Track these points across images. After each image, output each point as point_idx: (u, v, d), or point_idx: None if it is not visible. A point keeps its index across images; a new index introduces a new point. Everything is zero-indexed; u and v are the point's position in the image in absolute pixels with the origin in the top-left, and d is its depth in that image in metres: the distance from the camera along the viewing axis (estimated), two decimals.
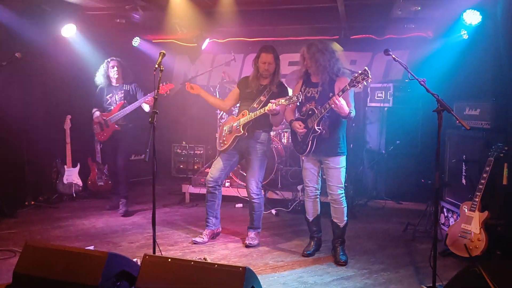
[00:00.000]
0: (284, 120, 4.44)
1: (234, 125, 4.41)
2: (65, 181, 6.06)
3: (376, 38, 7.36)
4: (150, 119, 3.43)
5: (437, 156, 3.36)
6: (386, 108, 6.59)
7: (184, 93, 6.76)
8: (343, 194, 4.08)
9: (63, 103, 6.31)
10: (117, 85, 5.56)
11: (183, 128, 8.09)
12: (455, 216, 4.91)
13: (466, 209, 4.16)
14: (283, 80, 4.68)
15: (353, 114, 3.86)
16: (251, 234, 4.53)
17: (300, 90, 4.13)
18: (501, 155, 4.06)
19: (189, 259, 3.54)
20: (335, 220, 4.13)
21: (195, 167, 7.71)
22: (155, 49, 7.80)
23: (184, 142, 7.81)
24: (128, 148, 5.73)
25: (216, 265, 2.88)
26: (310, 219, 4.29)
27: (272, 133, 5.57)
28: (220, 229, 4.74)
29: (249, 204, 4.55)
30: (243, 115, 4.36)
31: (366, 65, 6.89)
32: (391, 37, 7.29)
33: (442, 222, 5.14)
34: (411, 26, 6.78)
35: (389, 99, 6.58)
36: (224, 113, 6.47)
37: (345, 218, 4.12)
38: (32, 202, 5.77)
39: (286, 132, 6.45)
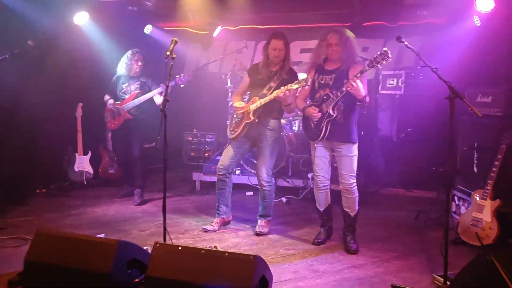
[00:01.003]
0: (296, 107, 4.40)
1: (244, 111, 4.39)
2: (76, 169, 6.12)
3: (388, 25, 7.25)
4: (161, 107, 3.44)
5: (450, 143, 3.32)
6: (398, 96, 6.53)
7: (196, 81, 6.76)
8: (355, 183, 4.06)
9: (74, 91, 6.34)
10: (135, 76, 5.57)
11: (195, 116, 8.05)
12: (466, 205, 4.86)
13: (477, 197, 4.11)
14: (294, 67, 4.62)
15: (367, 98, 3.83)
16: (262, 222, 4.53)
17: (313, 78, 4.09)
18: None
19: (200, 247, 3.54)
20: (346, 209, 4.11)
21: (206, 155, 7.70)
22: (167, 36, 7.75)
23: (195, 130, 7.81)
24: (142, 137, 5.68)
25: (226, 253, 2.88)
26: (321, 209, 4.28)
27: (283, 121, 5.53)
28: (231, 217, 4.74)
29: (259, 192, 4.55)
30: (253, 101, 4.33)
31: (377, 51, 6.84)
32: (403, 24, 7.18)
33: (454, 211, 5.09)
34: (424, 13, 6.68)
35: (400, 86, 6.51)
36: None
37: (356, 207, 4.10)
38: (44, 190, 5.83)
39: (297, 119, 6.40)
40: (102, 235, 4.14)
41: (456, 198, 5.06)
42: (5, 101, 5.34)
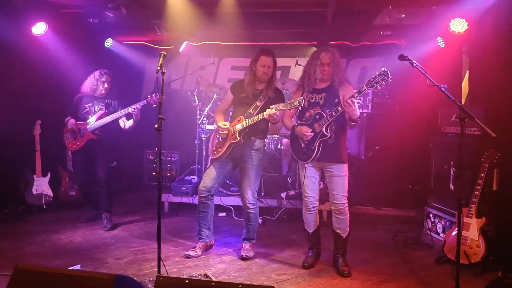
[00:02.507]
0: (282, 127, 4.30)
1: (229, 131, 4.22)
2: (34, 192, 5.62)
3: (351, 45, 7.41)
4: (156, 126, 3.24)
5: (459, 163, 3.34)
6: (365, 114, 6.63)
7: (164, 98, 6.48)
8: (347, 203, 4.01)
9: (32, 106, 5.85)
10: (100, 97, 5.25)
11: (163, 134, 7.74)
12: (442, 222, 4.97)
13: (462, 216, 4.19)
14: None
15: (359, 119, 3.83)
16: (246, 245, 4.36)
17: (302, 96, 4.02)
18: (495, 161, 4.12)
19: (188, 276, 3.37)
20: (337, 231, 4.04)
21: (168, 174, 7.41)
22: (127, 51, 7.49)
23: (156, 149, 7.49)
24: (108, 158, 5.38)
25: (240, 285, 2.70)
26: (310, 231, 4.18)
27: None
28: (213, 241, 4.53)
29: (244, 215, 4.38)
30: (238, 121, 4.18)
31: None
32: (365, 44, 7.37)
33: (429, 228, 5.19)
34: (387, 33, 6.87)
35: (367, 105, 6.63)
36: (205, 119, 6.27)
37: (348, 228, 4.04)
38: None
39: (267, 138, 6.31)
40: (77, 267, 3.78)
41: (431, 215, 5.17)
42: None
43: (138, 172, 7.53)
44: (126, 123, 5.22)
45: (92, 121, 5.10)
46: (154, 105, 5.01)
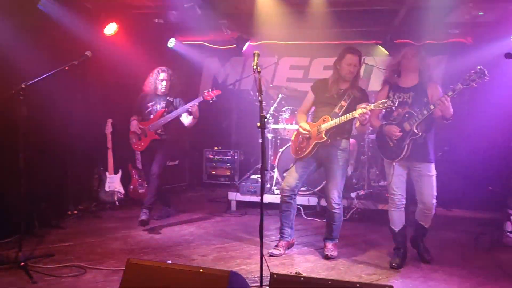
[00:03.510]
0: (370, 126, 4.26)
1: (313, 130, 4.19)
2: (107, 189, 5.74)
3: (415, 43, 7.27)
4: (259, 124, 3.22)
5: None
6: None
7: (226, 97, 6.51)
8: (435, 203, 3.98)
9: (104, 105, 5.97)
10: (162, 95, 5.25)
11: (218, 132, 7.77)
12: None
13: None
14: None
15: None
16: (329, 245, 4.32)
17: (389, 95, 3.97)
18: None
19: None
20: (421, 222, 4.12)
21: (228, 173, 7.48)
22: (188, 50, 7.58)
23: (216, 147, 7.56)
24: (165, 156, 5.35)
25: (358, 284, 2.67)
26: (396, 230, 4.12)
27: None
28: (295, 239, 4.52)
29: (327, 215, 4.34)
30: (324, 120, 4.14)
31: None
32: (429, 42, 7.22)
33: (509, 230, 5.03)
34: (455, 32, 6.71)
35: None
36: (271, 118, 6.27)
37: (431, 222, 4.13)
38: (75, 212, 5.43)
39: None
40: (169, 262, 3.84)
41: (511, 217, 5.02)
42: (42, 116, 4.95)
43: (198, 171, 7.59)
44: (185, 121, 5.17)
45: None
46: (211, 101, 5.00)
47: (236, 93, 7.55)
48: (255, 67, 3.43)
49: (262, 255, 3.20)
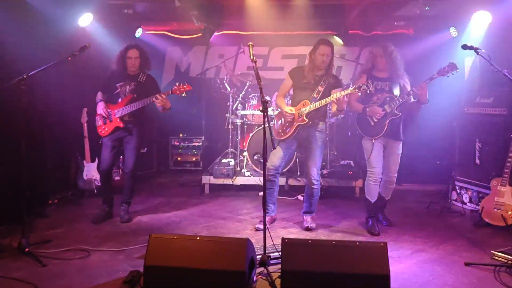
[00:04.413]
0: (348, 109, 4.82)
1: (295, 114, 4.62)
2: (85, 177, 5.84)
3: (364, 34, 7.94)
4: (261, 109, 3.55)
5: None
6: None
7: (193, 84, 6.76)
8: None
9: (78, 95, 6.04)
10: (132, 74, 4.95)
11: (184, 120, 7.98)
12: (469, 192, 5.58)
13: (496, 185, 4.80)
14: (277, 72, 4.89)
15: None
16: (308, 218, 4.82)
17: (368, 82, 4.48)
18: None
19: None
20: (382, 195, 4.83)
21: (194, 159, 7.76)
22: (155, 40, 7.76)
23: (181, 134, 7.81)
24: (137, 148, 5.03)
25: (357, 243, 3.16)
26: (373, 200, 4.72)
27: None
28: (277, 215, 4.97)
29: (306, 191, 4.82)
30: (304, 104, 4.59)
31: (354, 58, 7.59)
32: (377, 33, 7.90)
33: (454, 199, 5.80)
34: (401, 24, 7.41)
35: None
36: (240, 105, 6.65)
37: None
38: (55, 201, 5.52)
39: None
40: None
41: (457, 187, 5.77)
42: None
43: (165, 157, 7.81)
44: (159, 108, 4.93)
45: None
46: (181, 96, 4.80)
47: (203, 82, 7.85)
48: (251, 57, 3.75)
49: (265, 226, 3.60)
